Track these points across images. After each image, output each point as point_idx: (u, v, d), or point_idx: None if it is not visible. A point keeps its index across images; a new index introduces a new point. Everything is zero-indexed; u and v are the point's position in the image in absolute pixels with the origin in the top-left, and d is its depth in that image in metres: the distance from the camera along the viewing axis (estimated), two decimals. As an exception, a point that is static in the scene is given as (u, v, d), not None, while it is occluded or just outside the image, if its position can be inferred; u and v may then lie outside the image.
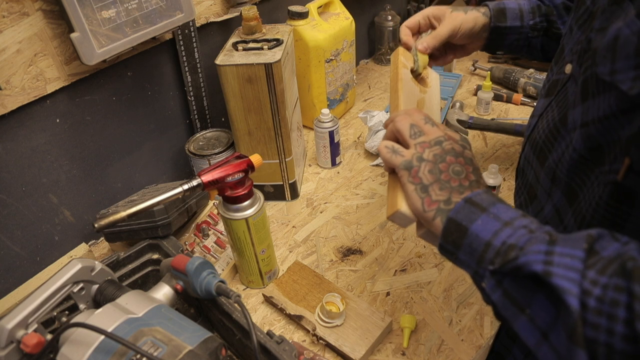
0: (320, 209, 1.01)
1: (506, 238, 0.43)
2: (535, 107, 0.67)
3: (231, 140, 0.99)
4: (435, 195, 0.49)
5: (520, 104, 1.29)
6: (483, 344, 0.73)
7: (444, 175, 0.50)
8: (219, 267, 0.86)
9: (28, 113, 0.79)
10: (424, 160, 0.51)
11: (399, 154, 0.53)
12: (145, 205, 0.64)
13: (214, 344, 0.54)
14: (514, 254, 0.42)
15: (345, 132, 1.25)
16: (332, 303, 0.75)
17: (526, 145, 0.65)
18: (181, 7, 0.87)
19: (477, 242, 0.45)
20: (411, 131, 0.54)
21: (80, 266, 0.61)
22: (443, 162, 0.51)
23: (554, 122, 0.57)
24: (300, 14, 1.09)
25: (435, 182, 0.50)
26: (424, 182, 0.50)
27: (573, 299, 0.37)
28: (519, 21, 0.81)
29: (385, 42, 1.52)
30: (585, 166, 0.51)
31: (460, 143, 0.53)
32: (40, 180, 0.84)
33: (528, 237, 0.42)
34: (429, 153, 0.51)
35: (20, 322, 0.54)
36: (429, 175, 0.50)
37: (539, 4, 0.81)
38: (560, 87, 0.58)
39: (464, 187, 0.49)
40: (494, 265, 0.43)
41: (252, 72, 0.85)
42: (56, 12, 0.76)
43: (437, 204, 0.49)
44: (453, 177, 0.50)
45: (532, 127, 0.64)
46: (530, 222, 0.45)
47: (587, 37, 0.51)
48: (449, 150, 0.52)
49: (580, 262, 0.38)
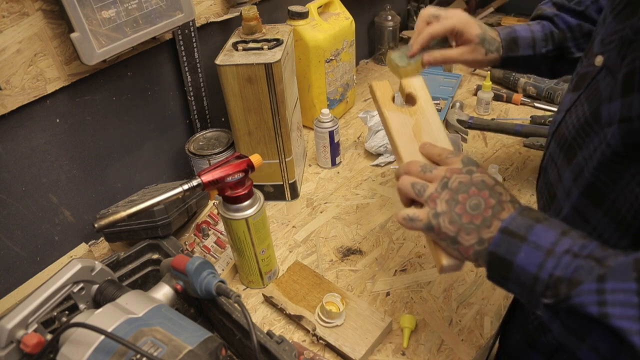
0: (320, 209, 1.01)
1: (552, 270, 0.43)
2: (561, 102, 0.64)
3: (231, 140, 0.99)
4: (466, 241, 0.49)
5: (520, 104, 1.29)
6: (483, 344, 0.73)
7: (465, 217, 0.50)
8: (219, 267, 0.86)
9: (28, 113, 0.79)
10: (440, 215, 0.51)
11: (416, 220, 0.53)
12: (145, 205, 0.64)
13: (214, 344, 0.54)
14: (564, 289, 0.41)
15: (345, 132, 1.25)
16: (332, 303, 0.75)
17: (551, 142, 0.62)
18: (181, 7, 0.87)
19: (525, 276, 0.45)
20: (415, 190, 0.53)
21: (80, 266, 0.61)
22: (458, 205, 0.50)
23: (585, 117, 0.54)
24: (300, 14, 1.09)
25: (460, 231, 0.50)
26: (450, 235, 0.50)
27: (636, 338, 0.36)
28: (531, 50, 0.79)
29: (385, 42, 1.52)
30: (617, 164, 0.49)
31: (465, 171, 0.52)
32: (40, 180, 0.84)
33: (573, 265, 0.42)
34: (441, 204, 0.51)
35: (20, 322, 0.54)
36: (451, 226, 0.50)
37: (552, 31, 0.79)
38: (590, 81, 0.55)
39: (488, 218, 0.49)
40: (546, 299, 0.43)
41: (252, 72, 0.85)
42: (56, 12, 0.76)
43: (472, 248, 0.49)
44: (474, 214, 0.50)
45: (557, 123, 0.61)
46: (572, 242, 0.44)
47: (635, 27, 0.48)
48: (457, 188, 0.51)
49: (635, 295, 0.38)
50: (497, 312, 0.78)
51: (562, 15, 0.79)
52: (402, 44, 1.61)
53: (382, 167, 1.12)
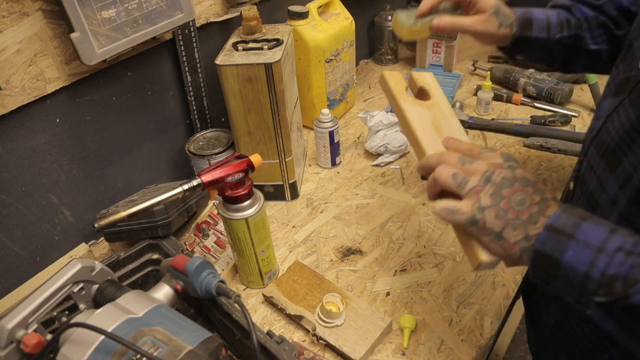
0: (320, 209, 1.01)
1: (604, 268, 0.42)
2: (599, 108, 0.62)
3: (231, 140, 0.99)
4: (513, 237, 0.48)
5: (520, 104, 1.29)
6: (483, 344, 0.73)
7: (511, 212, 0.48)
8: (219, 267, 0.86)
9: (28, 113, 0.79)
10: (485, 209, 0.49)
11: (458, 213, 0.50)
12: (145, 205, 0.64)
13: (214, 344, 0.54)
14: (619, 287, 0.41)
15: (345, 132, 1.25)
16: (332, 303, 0.75)
17: (589, 150, 0.60)
18: (181, 7, 0.87)
19: (574, 274, 0.44)
20: (456, 182, 0.51)
21: (80, 266, 0.61)
22: (503, 200, 0.49)
23: (630, 122, 0.53)
24: (300, 14, 1.09)
25: (506, 226, 0.48)
26: (495, 231, 0.48)
27: None
28: (545, 33, 0.76)
29: (385, 42, 1.52)
30: None
31: (506, 166, 0.51)
32: (40, 180, 0.84)
33: (629, 264, 0.41)
34: (486, 198, 0.49)
35: (20, 322, 0.54)
36: (497, 221, 0.48)
37: (567, 18, 0.77)
38: (634, 85, 0.54)
39: (534, 214, 0.48)
40: (599, 297, 0.42)
41: (252, 72, 0.85)
42: (56, 12, 0.76)
43: (518, 245, 0.48)
44: (520, 209, 0.48)
45: (597, 130, 0.59)
46: (623, 239, 0.43)
47: None
48: (501, 183, 0.49)
49: None
50: (497, 312, 0.78)
51: (579, 5, 0.78)
52: (401, 44, 1.62)
53: (382, 167, 1.12)
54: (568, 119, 1.20)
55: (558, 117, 1.20)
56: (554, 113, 1.23)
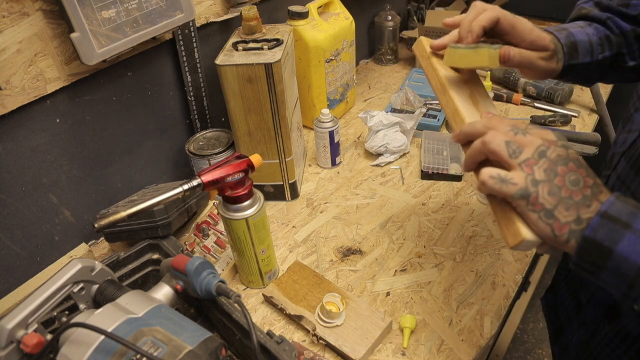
0: (320, 209, 1.01)
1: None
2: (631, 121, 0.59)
3: (231, 140, 1.00)
4: (564, 217, 0.45)
5: (520, 104, 1.29)
6: (483, 344, 0.73)
7: (564, 191, 0.45)
8: (219, 267, 0.86)
9: (28, 113, 0.79)
10: (539, 183, 0.46)
11: (509, 183, 0.47)
12: (145, 205, 0.64)
13: (214, 344, 0.54)
14: None
15: (345, 132, 1.25)
16: (332, 303, 0.75)
17: (619, 163, 0.58)
18: (181, 7, 0.87)
19: (627, 266, 0.42)
20: (509, 150, 0.48)
21: (80, 266, 0.61)
22: (557, 177, 0.46)
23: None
24: (300, 14, 1.09)
25: (559, 204, 0.45)
26: (547, 207, 0.46)
27: None
28: (589, 57, 0.68)
29: (385, 42, 1.52)
30: None
31: (560, 144, 0.48)
32: (40, 180, 0.84)
33: None
34: (539, 172, 0.46)
35: (20, 322, 0.54)
36: (550, 198, 0.45)
37: (607, 35, 0.69)
38: None
39: (588, 197, 0.45)
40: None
41: (252, 72, 0.85)
42: (56, 12, 0.76)
43: (568, 226, 0.45)
44: (573, 189, 0.45)
45: (630, 143, 0.56)
46: None
47: None
48: (556, 160, 0.47)
49: None
50: (497, 312, 0.78)
51: (615, 18, 0.69)
52: (402, 44, 1.62)
53: (382, 167, 1.12)
54: (568, 119, 1.20)
55: (558, 117, 1.20)
56: (554, 113, 1.23)
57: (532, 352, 1.80)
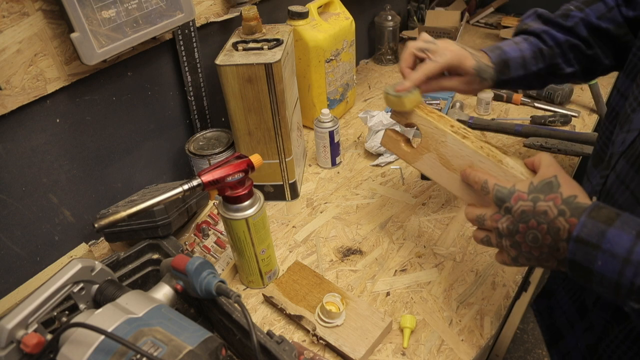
0: (320, 209, 1.01)
1: (632, 278, 0.45)
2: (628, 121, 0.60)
3: (231, 140, 0.99)
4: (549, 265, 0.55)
5: (520, 104, 1.29)
6: (483, 344, 0.73)
7: (524, 246, 0.55)
8: (219, 267, 0.86)
9: (28, 113, 0.79)
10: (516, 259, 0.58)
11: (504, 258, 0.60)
12: (145, 205, 0.64)
13: (214, 344, 0.54)
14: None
15: (345, 132, 1.25)
16: (332, 303, 0.75)
17: (618, 163, 0.59)
18: (181, 7, 0.87)
19: (606, 282, 0.47)
20: (485, 240, 0.61)
21: (80, 266, 0.61)
22: (522, 244, 0.55)
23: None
24: (300, 14, 1.09)
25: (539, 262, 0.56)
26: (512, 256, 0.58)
27: None
28: (522, 70, 0.75)
29: (385, 42, 1.52)
30: None
31: (531, 198, 0.54)
32: (40, 180, 0.84)
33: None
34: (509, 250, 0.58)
35: (20, 322, 0.54)
36: (529, 263, 0.57)
37: (540, 48, 0.76)
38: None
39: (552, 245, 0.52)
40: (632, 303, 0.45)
41: (252, 72, 0.85)
42: (56, 12, 0.76)
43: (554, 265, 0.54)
44: (532, 246, 0.54)
45: (629, 143, 0.57)
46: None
47: None
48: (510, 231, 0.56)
49: None
50: (497, 312, 0.78)
51: (550, 30, 0.76)
52: (401, 44, 1.61)
53: (382, 167, 1.12)
54: (568, 119, 1.20)
55: (558, 117, 1.20)
56: (554, 113, 1.23)
57: (532, 352, 1.80)
